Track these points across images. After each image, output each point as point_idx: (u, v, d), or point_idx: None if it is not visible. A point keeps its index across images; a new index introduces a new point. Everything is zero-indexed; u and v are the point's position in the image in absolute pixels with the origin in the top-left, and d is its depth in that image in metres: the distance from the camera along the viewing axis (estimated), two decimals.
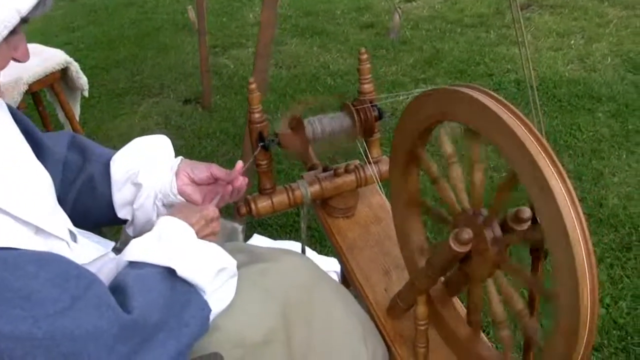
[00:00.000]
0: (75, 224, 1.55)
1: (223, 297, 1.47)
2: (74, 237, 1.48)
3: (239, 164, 1.66)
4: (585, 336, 1.14)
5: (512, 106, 1.20)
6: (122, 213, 1.67)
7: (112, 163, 1.66)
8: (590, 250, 1.10)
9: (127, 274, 1.34)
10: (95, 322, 1.19)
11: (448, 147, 1.40)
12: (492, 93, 1.24)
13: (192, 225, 1.49)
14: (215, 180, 1.68)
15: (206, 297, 1.42)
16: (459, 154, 1.39)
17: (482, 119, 1.23)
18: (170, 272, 1.36)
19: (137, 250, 1.39)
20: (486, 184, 1.36)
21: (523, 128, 1.16)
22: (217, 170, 1.67)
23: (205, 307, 1.41)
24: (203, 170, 1.67)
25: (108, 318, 1.21)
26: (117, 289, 1.30)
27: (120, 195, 1.65)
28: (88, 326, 1.18)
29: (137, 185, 1.64)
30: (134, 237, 1.44)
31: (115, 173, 1.65)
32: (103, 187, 1.65)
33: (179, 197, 1.65)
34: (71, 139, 1.69)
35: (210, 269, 1.43)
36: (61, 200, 1.56)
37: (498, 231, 1.33)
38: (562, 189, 1.11)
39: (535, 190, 1.14)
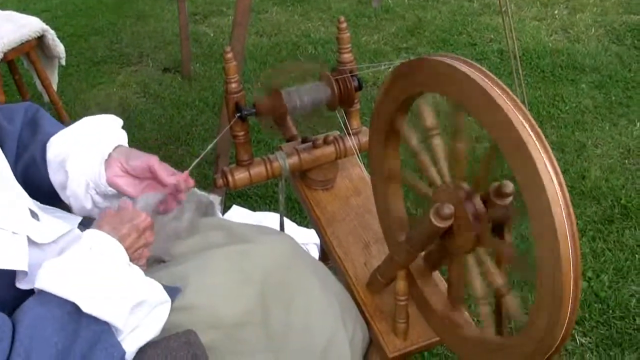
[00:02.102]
0: (40, 201, 1.48)
1: (147, 329, 1.33)
2: (35, 216, 1.38)
3: (185, 173, 1.52)
4: (568, 312, 1.12)
5: (494, 76, 1.17)
6: (63, 196, 1.55)
7: (48, 145, 1.53)
8: (573, 220, 1.08)
9: (26, 314, 1.20)
10: None
11: (428, 120, 1.37)
12: (474, 63, 1.21)
13: (122, 238, 1.34)
14: (153, 174, 1.51)
15: (122, 336, 1.27)
16: (442, 125, 1.36)
17: (463, 89, 1.20)
18: (78, 307, 1.21)
19: (48, 276, 1.22)
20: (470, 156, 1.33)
21: (505, 99, 1.13)
22: (157, 163, 1.51)
23: (116, 350, 1.25)
24: (140, 160, 1.51)
25: None
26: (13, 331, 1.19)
27: (56, 179, 1.53)
28: None
29: (66, 172, 1.51)
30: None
31: (50, 156, 1.52)
32: (43, 168, 1.53)
33: (109, 188, 1.51)
34: (31, 114, 1.59)
35: (124, 306, 1.26)
36: (16, 178, 1.49)
37: (480, 205, 1.30)
38: (546, 161, 1.09)
39: (517, 163, 1.11)
